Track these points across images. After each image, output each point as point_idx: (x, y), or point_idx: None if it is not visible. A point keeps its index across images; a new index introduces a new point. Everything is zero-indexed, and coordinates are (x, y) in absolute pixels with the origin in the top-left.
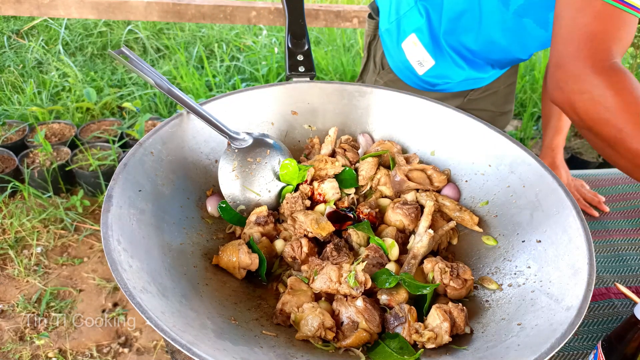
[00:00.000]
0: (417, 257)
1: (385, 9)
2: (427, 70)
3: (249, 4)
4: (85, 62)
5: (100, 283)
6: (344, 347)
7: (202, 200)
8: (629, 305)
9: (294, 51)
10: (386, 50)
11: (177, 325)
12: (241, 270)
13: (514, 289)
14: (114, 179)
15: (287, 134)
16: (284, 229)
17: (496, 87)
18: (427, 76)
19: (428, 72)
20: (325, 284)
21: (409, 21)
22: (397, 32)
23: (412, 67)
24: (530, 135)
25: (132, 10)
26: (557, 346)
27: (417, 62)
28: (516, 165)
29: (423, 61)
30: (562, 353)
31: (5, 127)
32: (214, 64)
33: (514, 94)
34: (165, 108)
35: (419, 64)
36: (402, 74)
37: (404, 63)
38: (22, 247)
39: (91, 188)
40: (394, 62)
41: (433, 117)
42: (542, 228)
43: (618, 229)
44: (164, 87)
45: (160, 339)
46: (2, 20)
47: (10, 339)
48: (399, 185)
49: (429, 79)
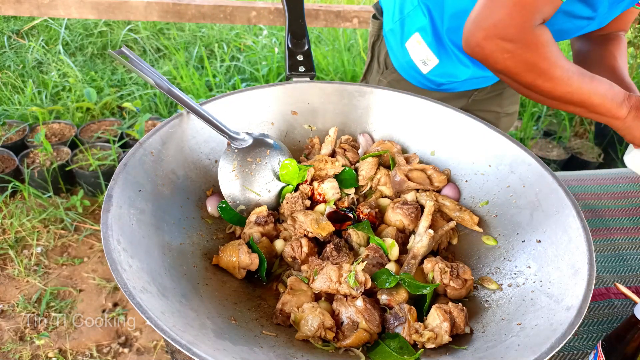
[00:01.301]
0: (417, 257)
1: (389, 9)
2: (431, 69)
3: (249, 4)
4: (85, 62)
5: (100, 283)
6: (344, 347)
7: (202, 200)
8: (629, 305)
9: (294, 51)
10: (390, 50)
11: (177, 325)
12: (241, 270)
13: (514, 289)
14: (114, 179)
15: (287, 134)
16: (284, 229)
17: (501, 88)
18: (432, 75)
19: (432, 70)
20: (325, 284)
21: (413, 20)
22: (401, 31)
23: (416, 67)
24: (530, 135)
25: (132, 10)
26: (557, 346)
27: (421, 61)
28: (516, 165)
29: (427, 60)
30: (562, 353)
31: (5, 127)
32: (214, 64)
33: (519, 95)
34: (165, 108)
35: (422, 62)
36: (406, 73)
37: (408, 62)
38: (22, 247)
39: (91, 188)
40: (398, 61)
41: (433, 117)
42: (542, 228)
43: (619, 227)
44: (164, 87)
45: (160, 339)
46: (2, 20)
47: (10, 339)
48: (399, 185)
49: (434, 77)
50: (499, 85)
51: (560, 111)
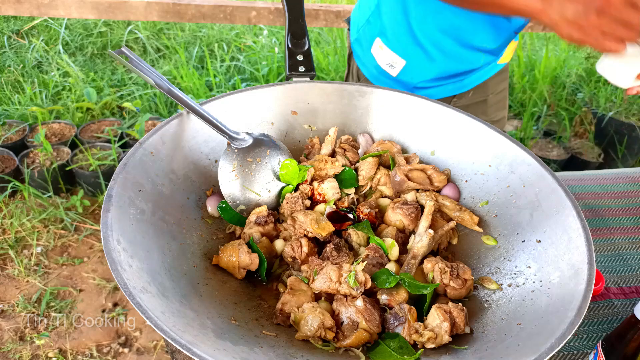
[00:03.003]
0: (417, 257)
1: (355, 18)
2: (400, 71)
3: (249, 4)
4: (85, 62)
5: (100, 283)
6: (344, 347)
7: (202, 200)
8: (629, 305)
9: (294, 51)
10: (358, 59)
11: (177, 325)
12: (241, 270)
13: (514, 289)
14: (114, 179)
15: (287, 134)
16: (284, 229)
17: (484, 95)
18: (403, 76)
19: (402, 72)
20: (325, 284)
21: (372, 26)
22: (365, 39)
23: (385, 72)
24: (530, 135)
25: (132, 10)
26: (557, 346)
27: (387, 65)
28: (516, 165)
29: (393, 63)
30: (562, 353)
31: (5, 127)
32: (214, 64)
33: (506, 100)
34: (165, 108)
35: (390, 66)
36: (378, 80)
37: (377, 68)
38: (22, 247)
39: (91, 188)
40: (368, 70)
41: (433, 117)
42: (542, 228)
43: (619, 227)
44: (164, 87)
45: (160, 339)
46: (2, 20)
47: (10, 339)
48: (399, 185)
49: (405, 79)
50: (481, 92)
51: (560, 111)
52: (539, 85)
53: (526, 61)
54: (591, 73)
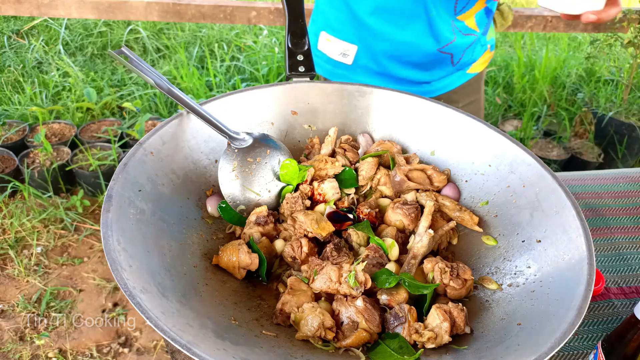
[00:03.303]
0: (417, 257)
1: None
2: (354, 57)
3: (249, 4)
4: (85, 62)
5: (100, 283)
6: (344, 347)
7: (202, 200)
8: (629, 305)
9: (294, 51)
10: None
11: (177, 325)
12: (241, 270)
13: (514, 289)
14: (114, 179)
15: (287, 134)
16: (284, 229)
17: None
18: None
19: (356, 57)
20: (325, 284)
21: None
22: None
23: (340, 63)
24: (530, 135)
25: (132, 10)
26: (557, 346)
27: (340, 54)
28: (516, 165)
29: (345, 51)
30: (562, 353)
31: (5, 127)
32: (214, 64)
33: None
34: (165, 108)
35: (342, 55)
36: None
37: (329, 62)
38: (22, 247)
39: (91, 188)
40: (324, 69)
41: (433, 117)
42: (542, 228)
43: (620, 227)
44: (164, 87)
45: (160, 339)
46: (2, 20)
47: (10, 339)
48: (399, 185)
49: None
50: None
51: (560, 111)
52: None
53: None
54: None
